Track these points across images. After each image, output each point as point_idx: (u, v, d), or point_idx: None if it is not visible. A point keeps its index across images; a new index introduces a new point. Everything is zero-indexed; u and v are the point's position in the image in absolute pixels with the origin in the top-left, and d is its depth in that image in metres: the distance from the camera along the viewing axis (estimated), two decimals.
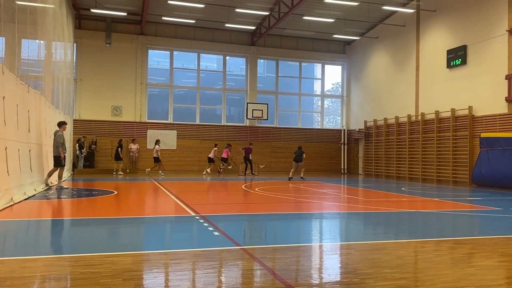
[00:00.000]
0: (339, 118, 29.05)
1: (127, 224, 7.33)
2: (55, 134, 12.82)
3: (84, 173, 21.01)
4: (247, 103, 25.49)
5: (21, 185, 9.79)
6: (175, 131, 24.70)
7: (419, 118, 20.61)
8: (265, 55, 26.73)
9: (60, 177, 13.00)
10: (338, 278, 4.17)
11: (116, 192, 12.37)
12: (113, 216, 8.33)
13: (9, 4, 8.96)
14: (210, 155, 22.51)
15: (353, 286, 3.82)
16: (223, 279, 4.04)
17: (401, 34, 22.37)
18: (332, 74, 29.72)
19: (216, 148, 22.79)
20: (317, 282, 4.02)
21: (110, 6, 21.62)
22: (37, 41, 12.78)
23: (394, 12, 22.27)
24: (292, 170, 19.45)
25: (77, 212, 8.79)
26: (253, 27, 24.80)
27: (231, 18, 23.13)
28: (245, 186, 15.07)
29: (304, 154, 19.50)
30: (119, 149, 21.53)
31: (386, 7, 20.57)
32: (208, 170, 22.03)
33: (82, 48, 23.56)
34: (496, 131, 16.41)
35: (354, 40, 26.50)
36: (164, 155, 21.95)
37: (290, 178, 19.02)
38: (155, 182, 16.28)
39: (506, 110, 16.23)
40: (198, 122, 25.45)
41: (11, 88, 9.27)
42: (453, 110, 18.58)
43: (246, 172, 22.33)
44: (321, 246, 5.72)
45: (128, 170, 22.09)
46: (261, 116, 25.15)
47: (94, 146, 22.78)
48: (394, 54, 23.19)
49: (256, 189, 14.05)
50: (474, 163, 16.83)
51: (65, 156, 12.89)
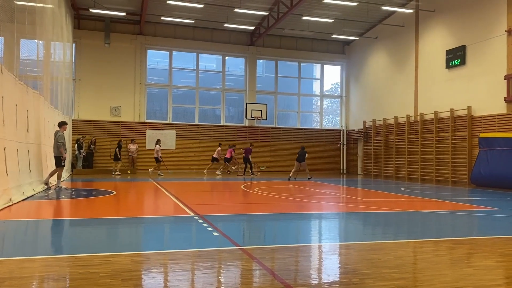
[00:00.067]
0: (338, 118, 29.07)
1: (126, 224, 7.32)
2: (56, 134, 12.79)
3: (83, 173, 20.99)
4: (246, 103, 25.49)
5: (19, 185, 9.78)
6: (174, 131, 24.69)
7: (418, 118, 20.63)
8: (264, 55, 26.73)
9: (59, 177, 12.98)
10: (337, 278, 4.17)
11: (115, 192, 12.36)
12: (112, 216, 8.32)
13: (7, 4, 8.96)
14: (214, 155, 22.51)
15: (352, 286, 3.82)
16: (222, 279, 4.04)
17: (400, 34, 22.39)
18: (331, 74, 29.74)
19: (219, 148, 22.75)
20: (316, 282, 4.02)
21: (109, 6, 21.60)
22: (36, 41, 12.77)
23: (393, 12, 22.29)
24: (293, 170, 19.31)
25: (76, 212, 8.78)
26: (252, 27, 24.81)
27: (230, 18, 23.12)
28: (244, 187, 15.07)
29: (306, 154, 19.37)
30: (118, 149, 21.51)
31: (385, 7, 20.58)
32: (218, 171, 22.14)
33: (81, 48, 23.55)
34: (495, 131, 16.43)
35: (353, 40, 26.52)
36: (163, 155, 21.89)
37: (289, 178, 18.94)
38: (154, 182, 16.27)
39: (505, 110, 16.25)
40: (197, 122, 25.44)
41: (10, 88, 9.26)
42: (452, 110, 18.60)
43: (245, 172, 22.32)
44: (320, 246, 5.72)
45: (129, 171, 22.04)
46: (260, 116, 25.14)
47: (93, 146, 22.76)
48: (393, 54, 23.21)
49: (255, 189, 14.05)
50: (473, 163, 16.84)
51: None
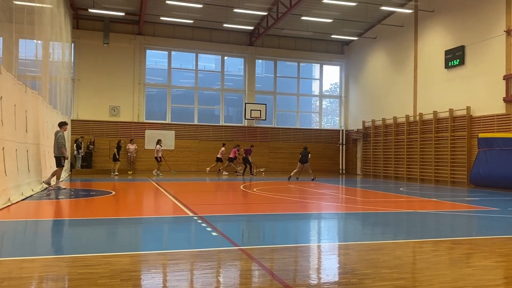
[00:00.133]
0: (337, 118, 29.08)
1: (125, 224, 7.32)
2: (56, 134, 12.76)
3: (81, 173, 20.97)
4: (245, 103, 25.49)
5: (18, 185, 9.77)
6: (173, 131, 24.67)
7: (417, 118, 20.64)
8: (263, 55, 26.73)
9: (58, 177, 12.97)
10: (336, 279, 4.17)
11: (113, 192, 12.35)
12: (110, 216, 8.32)
13: (6, 3, 8.95)
14: (218, 155, 22.48)
15: (351, 286, 3.82)
16: (221, 280, 4.03)
17: (399, 34, 22.40)
18: (330, 75, 29.76)
19: (223, 148, 22.67)
20: (315, 282, 4.02)
21: (108, 6, 21.58)
22: (34, 41, 12.75)
23: (392, 12, 22.30)
24: (295, 170, 19.21)
25: (74, 212, 8.78)
26: (251, 27, 24.80)
27: (229, 18, 23.11)
28: (243, 187, 15.06)
29: (309, 154, 19.19)
30: (116, 150, 21.47)
31: (384, 8, 20.60)
32: (224, 171, 22.04)
33: (80, 48, 23.53)
34: (494, 132, 16.44)
35: (352, 40, 26.52)
36: (163, 156, 21.85)
37: (289, 178, 18.88)
38: (153, 182, 16.26)
39: (504, 111, 16.27)
40: (196, 123, 25.42)
41: (9, 88, 9.25)
42: (451, 111, 18.61)
43: (245, 172, 22.30)
44: (319, 247, 5.72)
45: (131, 172, 21.95)
46: (259, 116, 25.14)
47: (92, 147, 22.73)
48: (392, 54, 23.22)
49: (254, 189, 14.04)
50: (472, 164, 16.85)
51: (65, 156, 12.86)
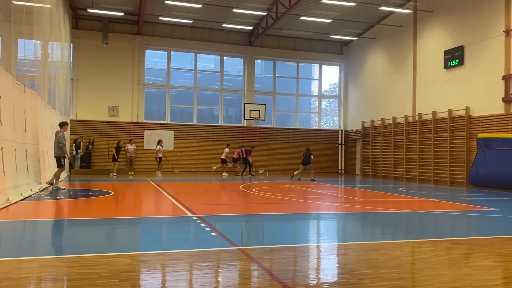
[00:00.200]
0: (337, 118, 29.09)
1: (124, 224, 7.31)
2: (56, 134, 12.74)
3: (80, 173, 20.93)
4: (245, 104, 25.48)
5: (17, 185, 9.76)
6: (172, 132, 24.66)
7: (416, 118, 20.65)
8: (262, 56, 26.73)
9: (57, 177, 12.95)
10: (335, 279, 4.17)
11: (112, 192, 12.34)
12: (109, 216, 8.31)
13: (5, 3, 8.94)
14: (222, 156, 22.40)
15: (350, 286, 3.82)
16: (220, 280, 4.03)
17: (398, 34, 22.41)
18: (329, 75, 29.79)
19: (227, 149, 22.50)
20: (314, 282, 4.01)
21: (107, 6, 21.56)
22: (33, 41, 12.74)
23: (391, 12, 22.31)
24: (297, 171, 19.15)
25: (73, 212, 8.76)
26: (250, 28, 24.79)
27: (229, 18, 23.11)
28: (242, 187, 15.06)
29: (312, 156, 19.12)
30: (115, 150, 21.45)
31: (383, 8, 20.61)
32: (224, 172, 22.03)
33: (79, 48, 23.51)
34: (493, 132, 16.46)
35: (352, 40, 26.54)
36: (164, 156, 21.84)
37: (292, 176, 18.93)
38: (152, 182, 16.25)
39: (503, 111, 16.28)
40: (195, 123, 25.42)
41: (8, 88, 9.24)
42: (450, 111, 18.62)
43: (244, 173, 22.29)
44: (318, 247, 5.72)
45: (133, 173, 21.86)
46: (258, 116, 25.14)
47: (91, 147, 22.71)
48: (391, 54, 23.23)
49: (253, 189, 14.04)
50: (471, 164, 16.86)
51: (65, 157, 12.84)
